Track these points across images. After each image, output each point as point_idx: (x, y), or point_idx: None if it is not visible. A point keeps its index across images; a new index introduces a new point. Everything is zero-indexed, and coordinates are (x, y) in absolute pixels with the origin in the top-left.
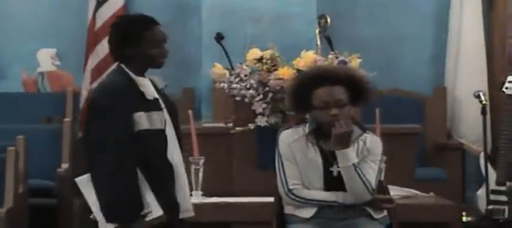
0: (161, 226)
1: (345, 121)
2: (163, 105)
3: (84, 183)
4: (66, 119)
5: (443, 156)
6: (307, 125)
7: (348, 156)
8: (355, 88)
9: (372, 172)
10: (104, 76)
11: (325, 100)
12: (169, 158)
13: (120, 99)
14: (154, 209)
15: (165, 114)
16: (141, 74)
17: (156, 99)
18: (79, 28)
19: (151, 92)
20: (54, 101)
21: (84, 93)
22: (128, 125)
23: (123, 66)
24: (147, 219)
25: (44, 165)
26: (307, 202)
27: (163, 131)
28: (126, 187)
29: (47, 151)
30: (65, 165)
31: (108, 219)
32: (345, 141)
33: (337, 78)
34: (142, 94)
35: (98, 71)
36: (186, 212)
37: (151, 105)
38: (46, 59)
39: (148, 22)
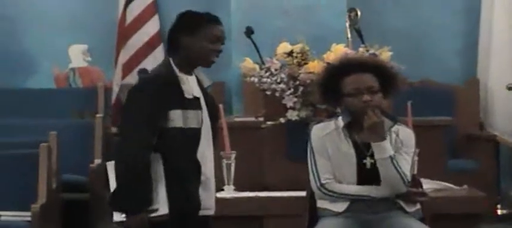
0: (173, 222)
1: (374, 111)
2: (203, 104)
3: (110, 167)
4: (98, 115)
5: (476, 148)
6: (340, 118)
7: (385, 148)
8: (384, 77)
9: (406, 164)
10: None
11: (356, 87)
12: (199, 158)
13: (156, 94)
14: (161, 207)
15: (204, 113)
16: (188, 69)
17: (196, 98)
18: (110, 24)
19: (191, 90)
20: (86, 96)
21: (115, 89)
22: (156, 120)
23: (171, 60)
24: (151, 215)
25: (76, 160)
26: (339, 196)
27: (198, 130)
28: (135, 179)
29: (79, 146)
30: (97, 161)
31: (112, 206)
32: (380, 133)
33: (367, 66)
34: (181, 92)
35: (129, 66)
36: (208, 209)
37: (189, 104)
38: (77, 55)
39: (211, 18)
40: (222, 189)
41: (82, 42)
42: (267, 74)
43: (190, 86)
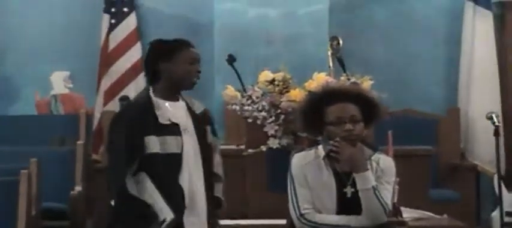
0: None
1: (342, 143)
2: (188, 130)
3: None
4: (79, 142)
5: (457, 177)
6: (320, 147)
7: (368, 178)
8: (367, 106)
9: (388, 194)
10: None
11: (338, 115)
12: (181, 183)
13: (131, 121)
14: (167, 215)
15: (187, 139)
16: (171, 95)
17: (174, 124)
18: (92, 50)
19: (168, 116)
20: (67, 123)
21: (97, 115)
22: (131, 146)
23: (150, 88)
24: (162, 226)
25: (57, 187)
26: (319, 227)
27: (179, 155)
28: (125, 201)
29: (60, 173)
30: (78, 188)
31: None
32: (361, 163)
33: (350, 95)
34: (156, 118)
35: (111, 93)
36: None
37: (166, 130)
38: (59, 82)
39: (183, 42)
40: None
41: (64, 69)
42: (249, 101)
43: (168, 111)
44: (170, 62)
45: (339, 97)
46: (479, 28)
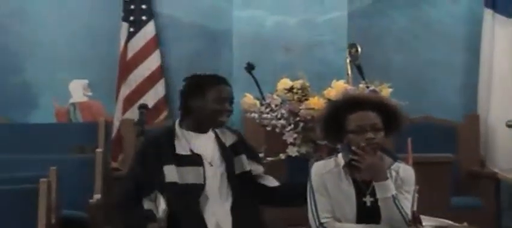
0: None
1: (364, 152)
2: (212, 161)
3: None
4: (98, 150)
5: (478, 185)
6: (340, 155)
7: (388, 187)
8: (388, 116)
9: (408, 203)
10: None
11: (360, 124)
12: (205, 215)
13: (148, 152)
14: None
15: (211, 170)
16: (201, 129)
17: (195, 155)
18: (111, 58)
19: (189, 147)
20: (86, 131)
21: (116, 124)
22: (144, 177)
23: (177, 121)
24: None
25: (76, 195)
26: None
27: (199, 186)
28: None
29: (79, 181)
30: (97, 196)
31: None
32: (382, 172)
33: (371, 104)
34: (175, 148)
35: (130, 100)
36: None
37: (185, 160)
38: (78, 90)
39: (216, 79)
40: None
41: (83, 77)
42: (268, 109)
43: (191, 142)
44: (201, 100)
45: (360, 105)
46: (498, 35)
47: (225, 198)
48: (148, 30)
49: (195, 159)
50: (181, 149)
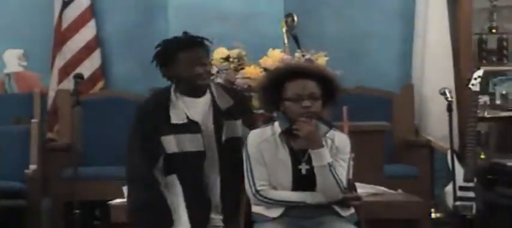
0: None
1: (304, 120)
2: (207, 127)
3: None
4: (33, 120)
5: (412, 153)
6: (276, 124)
7: (324, 156)
8: (326, 86)
9: (343, 171)
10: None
11: (298, 92)
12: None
13: (146, 121)
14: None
15: (207, 136)
16: (194, 94)
17: (191, 122)
18: (46, 28)
19: (184, 115)
20: (22, 102)
21: (51, 94)
22: (148, 143)
23: (171, 87)
24: None
25: (12, 166)
26: (275, 203)
27: (200, 153)
28: (149, 193)
29: (15, 152)
30: (33, 166)
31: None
32: (318, 140)
33: (310, 73)
34: (170, 118)
35: (65, 71)
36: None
37: (182, 128)
38: (13, 60)
39: (183, 43)
40: None
41: (18, 47)
42: None
43: (186, 109)
44: (172, 68)
45: (299, 74)
46: (432, 5)
47: (214, 166)
48: (83, 1)
49: (193, 127)
50: (177, 117)
